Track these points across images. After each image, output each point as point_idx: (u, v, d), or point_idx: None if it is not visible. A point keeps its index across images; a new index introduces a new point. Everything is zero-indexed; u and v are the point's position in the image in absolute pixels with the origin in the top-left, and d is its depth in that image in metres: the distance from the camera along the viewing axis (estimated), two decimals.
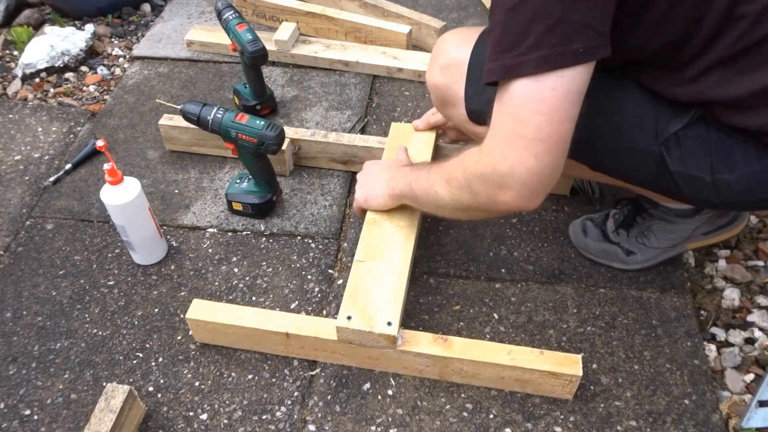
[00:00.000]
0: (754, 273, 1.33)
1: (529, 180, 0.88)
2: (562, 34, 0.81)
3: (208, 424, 1.09)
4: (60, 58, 1.85)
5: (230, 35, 1.52)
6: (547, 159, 0.87)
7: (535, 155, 0.86)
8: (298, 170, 1.53)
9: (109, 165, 1.18)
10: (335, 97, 1.73)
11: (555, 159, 0.88)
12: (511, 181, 0.89)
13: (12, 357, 1.18)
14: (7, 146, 1.61)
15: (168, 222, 1.42)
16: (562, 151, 0.88)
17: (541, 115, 0.84)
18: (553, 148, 0.86)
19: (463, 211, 1.04)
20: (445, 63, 1.16)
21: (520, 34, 0.82)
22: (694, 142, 0.99)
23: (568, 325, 1.22)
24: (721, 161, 0.98)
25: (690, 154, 0.99)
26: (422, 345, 1.09)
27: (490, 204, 0.94)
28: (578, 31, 0.81)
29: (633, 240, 1.27)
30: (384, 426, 1.08)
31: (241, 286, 1.29)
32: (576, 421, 1.09)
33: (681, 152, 1.00)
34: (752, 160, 0.96)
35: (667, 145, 1.00)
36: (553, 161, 0.88)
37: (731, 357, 1.18)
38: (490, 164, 0.90)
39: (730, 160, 0.98)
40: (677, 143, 1.00)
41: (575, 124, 0.86)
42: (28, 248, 1.37)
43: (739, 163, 0.97)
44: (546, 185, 0.90)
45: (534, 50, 0.81)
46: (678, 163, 1.00)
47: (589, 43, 0.82)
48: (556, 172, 0.89)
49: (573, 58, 0.82)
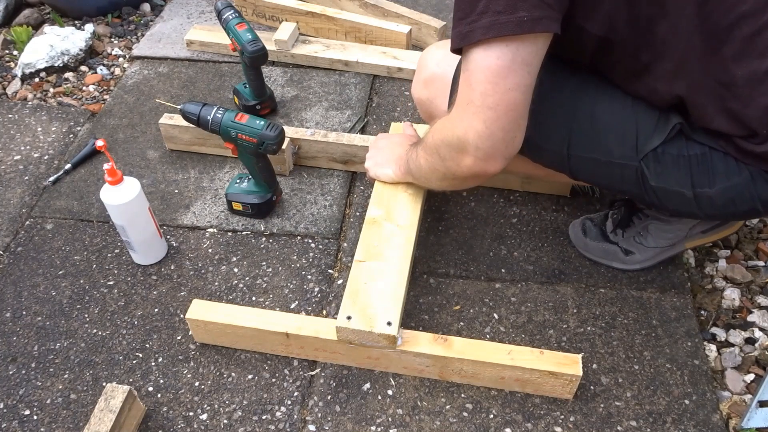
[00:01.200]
0: (755, 273, 1.33)
1: (481, 144, 0.92)
2: (507, 2, 0.83)
3: (208, 424, 1.09)
4: (60, 57, 1.85)
5: (230, 35, 1.52)
6: (495, 125, 0.90)
7: (483, 121, 0.90)
8: (298, 170, 1.53)
9: (109, 165, 1.18)
10: (335, 96, 1.73)
11: (505, 126, 0.91)
12: (466, 145, 0.94)
13: (12, 357, 1.18)
14: (7, 146, 1.61)
15: (168, 222, 1.41)
16: (513, 119, 0.91)
17: (487, 83, 0.87)
18: (501, 116, 0.89)
19: (442, 179, 1.09)
20: (428, 77, 1.19)
21: (471, 1, 0.86)
22: (674, 159, 1.00)
23: (568, 325, 1.22)
24: (702, 176, 0.99)
25: (670, 170, 1.01)
26: (422, 345, 1.09)
27: (456, 168, 0.99)
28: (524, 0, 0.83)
29: (631, 240, 1.27)
30: (384, 426, 1.08)
31: (241, 286, 1.29)
32: (576, 421, 1.09)
33: (661, 168, 1.01)
34: (732, 173, 0.97)
35: (647, 161, 1.01)
36: (504, 127, 0.91)
37: (731, 357, 1.18)
38: (450, 129, 0.97)
39: (710, 175, 0.99)
40: (657, 159, 1.01)
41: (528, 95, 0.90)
42: (28, 248, 1.37)
43: (720, 177, 0.98)
44: (502, 150, 0.93)
45: (482, 16, 0.84)
46: (658, 178, 1.02)
47: (535, 13, 0.83)
48: (509, 137, 0.92)
49: (516, 26, 0.83)
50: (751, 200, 0.99)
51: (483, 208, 1.43)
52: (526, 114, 0.93)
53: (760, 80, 0.90)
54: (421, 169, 1.14)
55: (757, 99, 0.91)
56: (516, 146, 0.95)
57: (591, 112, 1.04)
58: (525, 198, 1.45)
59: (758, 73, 0.90)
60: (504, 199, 1.45)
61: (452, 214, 1.42)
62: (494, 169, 0.96)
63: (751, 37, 0.88)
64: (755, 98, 0.91)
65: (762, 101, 0.91)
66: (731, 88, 0.92)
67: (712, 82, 0.93)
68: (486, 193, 1.47)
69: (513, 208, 1.43)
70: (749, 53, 0.89)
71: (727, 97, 0.93)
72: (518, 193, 1.46)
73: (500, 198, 1.45)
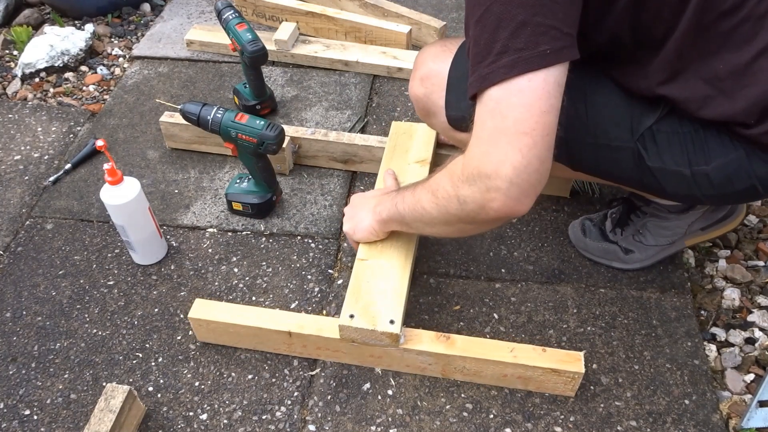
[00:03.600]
0: (754, 273, 1.33)
1: (515, 177, 0.84)
2: (527, 38, 0.81)
3: (208, 424, 1.09)
4: (60, 57, 1.85)
5: (230, 35, 1.52)
6: (532, 152, 0.83)
7: (520, 150, 0.83)
8: (298, 170, 1.53)
9: (109, 165, 1.18)
10: (335, 96, 1.73)
11: (541, 152, 0.84)
12: (498, 182, 0.84)
13: (12, 357, 1.18)
14: (7, 146, 1.61)
15: (168, 222, 1.41)
16: (548, 144, 0.84)
17: (521, 107, 0.82)
18: (537, 141, 0.83)
19: (452, 224, 0.99)
20: (424, 74, 1.18)
21: (488, 43, 0.83)
22: (669, 136, 1.00)
23: (568, 325, 1.22)
24: (698, 153, 0.99)
25: (666, 149, 1.00)
26: (425, 343, 1.09)
27: (479, 211, 0.89)
28: (543, 33, 0.81)
29: (630, 238, 1.27)
30: (384, 426, 1.08)
31: (241, 286, 1.29)
32: (576, 421, 1.09)
33: (657, 147, 1.01)
34: (728, 149, 0.98)
35: (643, 141, 1.01)
36: (540, 155, 0.84)
37: (731, 357, 1.18)
38: (476, 167, 0.86)
39: (705, 151, 0.99)
40: (652, 138, 1.01)
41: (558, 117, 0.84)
42: (28, 248, 1.37)
43: (715, 153, 0.98)
44: (535, 183, 0.85)
45: (502, 56, 0.81)
46: (655, 158, 1.01)
47: (556, 45, 0.82)
48: (543, 167, 0.85)
49: (540, 61, 0.81)
50: (748, 178, 0.98)
51: None
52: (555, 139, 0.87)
53: (742, 73, 0.90)
54: (422, 212, 1.02)
55: (742, 91, 0.91)
56: (546, 179, 0.87)
57: (584, 96, 1.04)
58: None
59: (739, 65, 0.90)
60: None
61: None
62: (524, 209, 0.87)
63: (729, 31, 0.88)
64: (740, 91, 0.91)
65: (746, 93, 0.91)
66: (715, 83, 0.92)
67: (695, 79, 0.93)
68: None
69: None
70: (728, 47, 0.89)
71: (711, 94, 0.93)
72: None
73: None
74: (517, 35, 0.81)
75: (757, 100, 0.91)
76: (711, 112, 0.95)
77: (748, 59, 0.89)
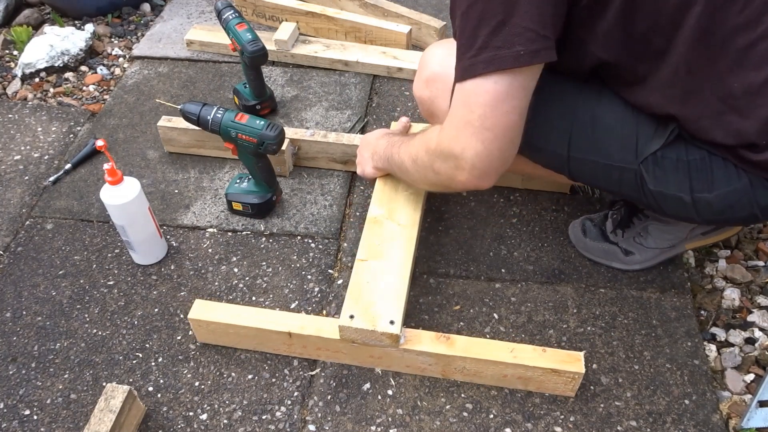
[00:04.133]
0: (754, 273, 1.33)
1: (478, 163, 0.95)
2: (504, 37, 0.87)
3: (208, 424, 1.09)
4: (60, 57, 1.85)
5: (230, 35, 1.52)
6: (494, 145, 0.94)
7: (482, 141, 0.93)
8: (298, 170, 1.53)
9: (109, 165, 1.18)
10: (335, 96, 1.73)
11: (502, 146, 0.94)
12: (463, 163, 0.96)
13: (12, 357, 1.18)
14: (7, 146, 1.61)
15: (168, 222, 1.41)
16: (510, 139, 0.95)
17: (486, 106, 0.91)
18: (498, 136, 0.93)
19: (431, 185, 1.13)
20: (429, 77, 1.19)
21: (471, 36, 0.90)
22: (674, 163, 1.00)
23: (568, 325, 1.22)
24: (701, 181, 0.99)
25: (669, 175, 1.01)
26: (425, 343, 1.09)
27: (450, 182, 1.02)
28: (519, 34, 0.86)
29: (631, 240, 1.27)
30: (384, 426, 1.08)
31: (241, 286, 1.29)
32: (576, 421, 1.09)
33: (660, 172, 1.01)
34: (732, 179, 0.97)
35: (647, 165, 1.02)
36: (501, 147, 0.94)
37: (731, 357, 1.18)
38: (447, 146, 0.98)
39: (709, 180, 0.99)
40: (656, 163, 1.01)
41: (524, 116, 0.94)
42: (28, 248, 1.37)
43: (720, 182, 0.98)
44: (497, 167, 0.97)
45: (483, 51, 0.89)
46: (657, 182, 1.02)
47: (531, 47, 0.87)
48: (505, 155, 0.96)
49: (515, 60, 0.87)
50: (749, 206, 0.99)
51: (483, 208, 1.43)
52: (521, 132, 0.96)
53: (756, 92, 0.90)
54: (406, 171, 1.16)
55: (755, 111, 0.91)
56: (509, 162, 0.98)
57: (592, 115, 1.04)
58: (525, 198, 1.45)
59: (754, 85, 0.89)
60: (504, 199, 1.45)
61: (452, 214, 1.42)
62: (488, 184, 1.00)
63: (746, 48, 0.88)
64: (753, 110, 0.91)
65: (760, 113, 0.91)
66: (728, 101, 0.92)
67: (708, 95, 0.92)
68: (486, 193, 1.46)
69: (513, 208, 1.43)
70: (745, 65, 0.89)
71: (724, 111, 0.92)
72: (518, 192, 1.46)
73: (500, 198, 1.46)
74: (496, 33, 0.87)
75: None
76: (723, 131, 0.94)
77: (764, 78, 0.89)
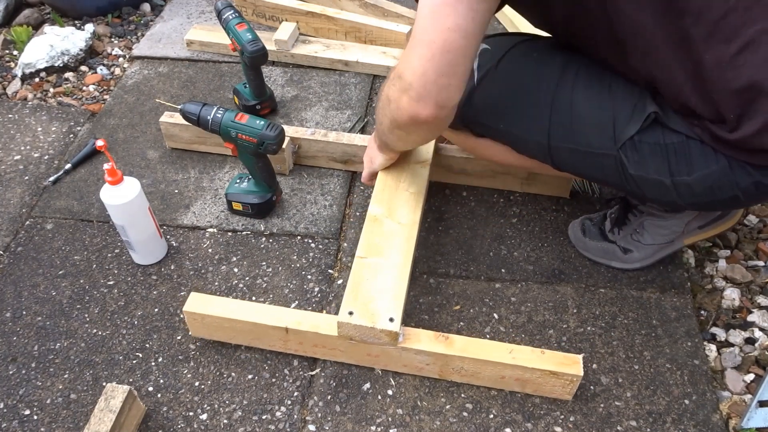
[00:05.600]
0: (754, 273, 1.33)
1: (414, 82, 0.91)
2: None
3: (208, 424, 1.09)
4: (60, 57, 1.85)
5: (230, 35, 1.52)
6: (429, 64, 0.89)
7: (418, 57, 0.90)
8: (298, 170, 1.53)
9: (109, 165, 1.18)
10: (335, 96, 1.73)
11: (439, 67, 0.89)
12: (404, 83, 0.93)
13: (12, 357, 1.18)
14: (7, 146, 1.61)
15: (168, 222, 1.41)
16: (448, 62, 0.89)
17: (427, 18, 0.88)
18: (435, 54, 0.88)
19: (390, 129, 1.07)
20: None
21: None
22: (652, 147, 1.01)
23: (568, 325, 1.22)
24: (680, 164, 1.00)
25: (648, 159, 1.01)
26: (423, 342, 1.09)
27: (397, 111, 0.98)
28: None
29: (628, 238, 1.27)
30: (384, 426, 1.08)
31: (241, 286, 1.29)
32: (576, 421, 1.09)
33: (638, 156, 1.02)
34: (710, 161, 0.98)
35: (625, 150, 1.02)
36: (437, 69, 0.89)
37: (731, 357, 1.18)
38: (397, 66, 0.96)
39: (688, 163, 0.99)
40: (634, 148, 1.02)
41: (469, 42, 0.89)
42: (28, 248, 1.37)
43: (698, 165, 0.99)
44: (434, 94, 0.92)
45: None
46: (636, 166, 1.02)
47: None
48: (443, 82, 0.91)
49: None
50: (730, 188, 0.99)
51: (483, 208, 1.43)
52: (466, 65, 0.92)
53: (726, 64, 0.90)
54: (384, 126, 1.11)
55: (724, 83, 0.91)
56: (450, 97, 0.94)
57: (569, 103, 1.05)
58: (525, 198, 1.45)
59: (725, 57, 0.89)
60: (504, 199, 1.45)
61: (452, 214, 1.42)
62: (426, 113, 0.95)
63: (718, 20, 0.88)
64: (722, 82, 0.91)
65: (728, 86, 0.90)
66: (700, 70, 0.92)
67: (684, 62, 0.92)
68: (486, 193, 1.47)
69: (513, 208, 1.43)
70: (716, 36, 0.89)
71: (698, 78, 0.93)
72: (518, 193, 1.46)
73: (500, 198, 1.46)
74: None
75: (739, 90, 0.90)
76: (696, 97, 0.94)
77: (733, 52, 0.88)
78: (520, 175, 1.43)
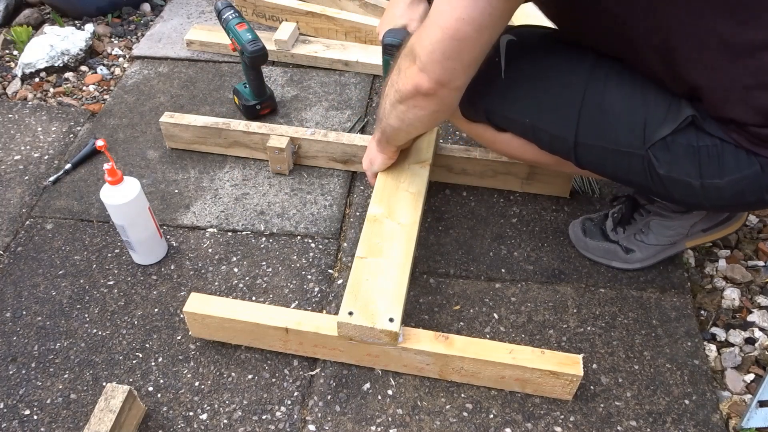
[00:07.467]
0: (754, 273, 1.33)
1: (422, 55, 0.95)
2: None
3: (208, 424, 1.09)
4: (60, 57, 1.85)
5: (230, 35, 1.52)
6: (437, 45, 0.93)
7: (429, 36, 0.94)
8: (298, 170, 1.53)
9: (109, 165, 1.18)
10: (335, 96, 1.73)
11: (446, 50, 0.93)
12: (413, 54, 0.98)
13: (12, 357, 1.18)
14: (7, 146, 1.61)
15: (168, 222, 1.42)
16: (456, 50, 0.93)
17: (444, 2, 0.91)
18: (445, 38, 0.92)
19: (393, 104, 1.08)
20: None
21: None
22: (684, 149, 0.99)
23: (568, 325, 1.22)
24: (711, 166, 0.98)
25: (679, 160, 1.00)
26: (423, 342, 1.09)
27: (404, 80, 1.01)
28: None
29: (631, 237, 1.27)
30: (384, 426, 1.08)
31: (241, 286, 1.29)
32: (576, 421, 1.09)
33: (669, 157, 1.00)
34: (743, 165, 0.97)
35: (655, 150, 1.01)
36: (444, 51, 0.93)
37: (731, 357, 1.18)
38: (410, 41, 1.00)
39: (720, 166, 0.98)
40: (666, 148, 1.00)
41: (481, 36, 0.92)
42: (28, 248, 1.37)
43: (730, 169, 0.98)
44: (437, 73, 0.96)
45: None
46: (666, 167, 1.01)
47: None
48: (447, 65, 0.95)
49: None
50: (759, 192, 0.98)
51: (483, 208, 1.43)
52: (474, 54, 0.95)
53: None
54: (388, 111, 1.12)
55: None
56: (453, 78, 0.97)
57: (600, 99, 1.03)
58: (525, 198, 1.45)
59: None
60: (504, 199, 1.45)
61: (452, 214, 1.42)
62: (428, 86, 0.98)
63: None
64: None
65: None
66: (758, 76, 0.90)
67: (735, 69, 0.91)
68: (486, 193, 1.47)
69: (513, 208, 1.43)
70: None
71: (752, 86, 0.91)
72: (518, 193, 1.46)
73: (500, 198, 1.46)
74: None
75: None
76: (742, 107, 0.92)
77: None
78: (520, 175, 1.43)
